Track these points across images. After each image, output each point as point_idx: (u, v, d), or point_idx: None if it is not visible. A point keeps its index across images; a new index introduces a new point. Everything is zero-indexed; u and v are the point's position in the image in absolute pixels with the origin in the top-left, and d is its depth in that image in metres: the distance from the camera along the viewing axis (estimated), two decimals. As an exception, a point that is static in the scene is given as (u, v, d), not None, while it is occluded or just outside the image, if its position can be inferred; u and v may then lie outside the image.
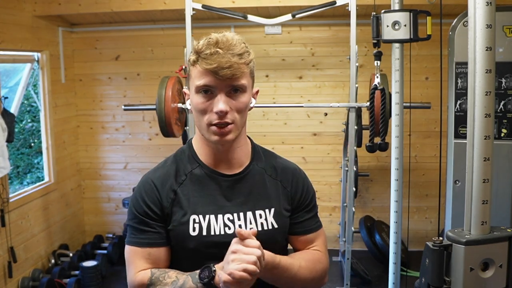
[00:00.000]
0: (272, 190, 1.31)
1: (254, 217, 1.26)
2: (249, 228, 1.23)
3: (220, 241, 1.21)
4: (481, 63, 1.02)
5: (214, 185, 1.26)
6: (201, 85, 1.17)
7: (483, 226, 1.04)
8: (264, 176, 1.31)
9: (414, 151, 4.22)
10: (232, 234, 1.21)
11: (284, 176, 1.34)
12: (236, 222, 1.24)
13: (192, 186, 1.26)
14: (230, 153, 1.27)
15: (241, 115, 1.21)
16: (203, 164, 1.28)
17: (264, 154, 1.36)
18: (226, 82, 1.16)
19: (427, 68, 4.19)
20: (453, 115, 2.23)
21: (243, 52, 1.18)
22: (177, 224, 1.23)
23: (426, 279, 1.07)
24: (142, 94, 4.49)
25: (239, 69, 1.16)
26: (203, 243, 1.22)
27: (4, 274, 3.44)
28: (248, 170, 1.30)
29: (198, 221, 1.22)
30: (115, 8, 3.85)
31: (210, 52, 1.14)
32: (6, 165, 3.34)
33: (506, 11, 2.13)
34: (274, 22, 3.40)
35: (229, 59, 1.14)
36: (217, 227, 1.23)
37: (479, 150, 1.03)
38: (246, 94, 1.21)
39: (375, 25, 2.10)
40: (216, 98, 1.17)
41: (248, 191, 1.28)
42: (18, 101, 3.94)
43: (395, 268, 2.52)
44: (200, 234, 1.22)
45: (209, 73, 1.15)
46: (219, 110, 1.16)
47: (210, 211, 1.24)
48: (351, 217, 3.36)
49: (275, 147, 4.32)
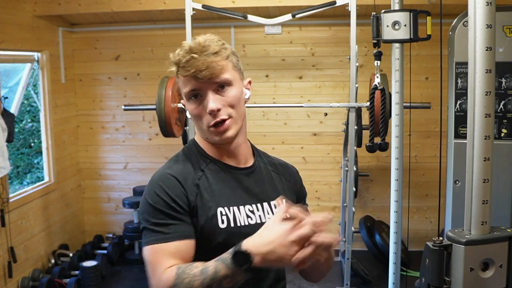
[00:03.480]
0: (279, 183, 1.36)
1: (270, 207, 1.30)
2: (267, 218, 1.26)
3: (246, 231, 1.20)
4: (481, 63, 1.02)
5: (230, 178, 1.29)
6: (188, 91, 1.21)
7: (483, 226, 1.04)
8: (269, 170, 1.37)
9: (414, 151, 4.22)
10: (255, 224, 1.24)
11: (285, 171, 1.41)
12: (256, 212, 1.27)
13: (211, 180, 1.26)
14: (237, 149, 1.30)
15: (236, 109, 1.23)
16: (214, 159, 1.29)
17: (261, 153, 1.42)
18: (209, 82, 1.19)
19: (427, 68, 4.19)
20: (453, 115, 2.23)
21: (218, 50, 1.20)
22: (206, 218, 1.21)
23: (426, 279, 1.07)
24: (142, 94, 4.49)
25: (217, 67, 1.18)
26: (232, 234, 1.21)
27: (4, 274, 3.44)
28: (257, 164, 1.35)
29: (225, 213, 1.23)
30: (115, 8, 3.85)
31: (185, 60, 1.18)
32: (6, 165, 3.34)
33: (506, 11, 2.14)
34: (274, 22, 3.40)
35: (204, 60, 1.17)
36: (241, 218, 1.25)
37: (479, 150, 1.03)
38: (234, 88, 1.23)
39: (375, 25, 2.10)
40: (206, 99, 1.20)
41: (260, 183, 1.32)
42: (18, 101, 3.94)
43: (395, 268, 2.52)
44: (228, 226, 1.22)
45: (191, 79, 1.19)
46: (210, 110, 1.19)
47: (233, 203, 1.25)
48: (351, 217, 3.36)
49: (275, 147, 4.36)
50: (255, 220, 1.26)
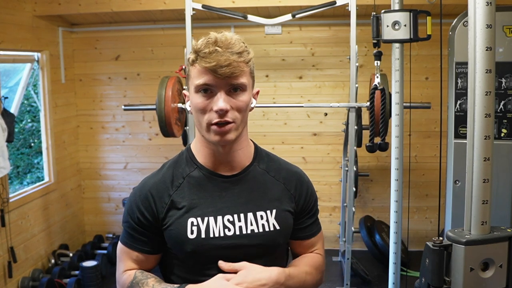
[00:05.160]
0: (274, 191, 1.29)
1: (255, 218, 1.24)
2: (250, 230, 1.23)
3: (218, 243, 1.20)
4: (481, 63, 1.02)
5: (212, 187, 1.25)
6: (201, 84, 1.15)
7: (483, 226, 1.04)
8: (266, 177, 1.30)
9: (414, 151, 4.22)
10: (232, 235, 1.21)
11: (288, 179, 1.32)
12: (237, 223, 1.23)
13: (190, 189, 1.24)
14: (231, 155, 1.25)
15: (242, 115, 1.19)
16: (201, 166, 1.26)
17: (267, 157, 1.35)
18: (225, 81, 1.15)
19: (427, 68, 4.19)
20: (453, 115, 2.23)
21: (242, 51, 1.17)
22: (174, 228, 1.22)
23: (426, 279, 1.07)
24: (142, 94, 4.49)
25: (238, 67, 1.15)
26: (201, 246, 1.20)
27: (4, 274, 3.44)
28: (248, 171, 1.28)
29: (196, 224, 1.21)
30: (115, 8, 3.85)
31: (209, 50, 1.13)
32: (6, 165, 3.34)
33: (506, 11, 2.13)
34: (274, 22, 3.40)
35: (228, 57, 1.13)
36: (216, 229, 1.21)
37: (479, 150, 1.03)
38: (246, 93, 1.19)
39: (375, 25, 2.10)
40: (216, 96, 1.15)
41: (249, 192, 1.26)
42: (18, 101, 3.94)
43: (395, 268, 2.52)
44: (198, 236, 1.20)
45: (208, 72, 1.14)
46: (219, 108, 1.14)
47: (209, 213, 1.22)
48: (351, 217, 3.36)
49: (275, 147, 4.36)
50: (233, 231, 1.22)
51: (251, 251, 1.23)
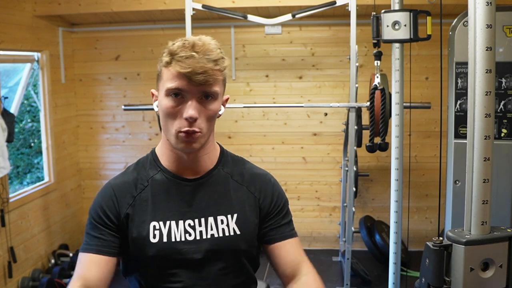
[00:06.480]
0: (236, 196, 1.27)
1: (216, 222, 1.23)
2: (210, 234, 1.22)
3: (180, 247, 1.19)
4: (481, 63, 1.02)
5: (175, 191, 1.24)
6: (173, 88, 1.14)
7: (483, 226, 1.04)
8: (229, 181, 1.28)
9: (414, 151, 4.22)
10: (193, 240, 1.20)
11: (252, 182, 1.30)
12: (197, 228, 1.22)
13: (153, 193, 1.23)
14: (195, 160, 1.25)
15: (210, 123, 1.19)
16: (164, 169, 1.26)
17: (233, 160, 1.33)
18: (198, 88, 1.13)
19: (427, 68, 4.19)
20: (453, 115, 2.22)
21: (219, 59, 1.15)
22: (137, 232, 1.21)
23: (426, 279, 1.07)
24: (142, 94, 4.49)
25: (213, 75, 1.13)
26: (163, 250, 1.19)
27: (4, 274, 3.44)
28: (211, 175, 1.27)
29: (158, 228, 1.20)
30: (115, 8, 3.85)
31: (185, 55, 1.12)
32: (6, 165, 3.34)
33: (506, 11, 2.13)
34: (274, 22, 3.40)
35: (204, 64, 1.11)
36: (177, 233, 1.20)
37: (479, 150, 1.03)
38: (216, 102, 1.18)
39: (375, 25, 2.10)
40: (188, 103, 1.14)
41: (210, 196, 1.25)
42: (18, 101, 3.94)
43: (395, 268, 2.52)
44: (160, 241, 1.20)
45: (182, 77, 1.12)
46: (189, 116, 1.13)
47: (171, 217, 1.21)
48: (351, 217, 3.36)
49: (275, 147, 4.36)
50: (194, 236, 1.21)
51: (211, 255, 1.22)
